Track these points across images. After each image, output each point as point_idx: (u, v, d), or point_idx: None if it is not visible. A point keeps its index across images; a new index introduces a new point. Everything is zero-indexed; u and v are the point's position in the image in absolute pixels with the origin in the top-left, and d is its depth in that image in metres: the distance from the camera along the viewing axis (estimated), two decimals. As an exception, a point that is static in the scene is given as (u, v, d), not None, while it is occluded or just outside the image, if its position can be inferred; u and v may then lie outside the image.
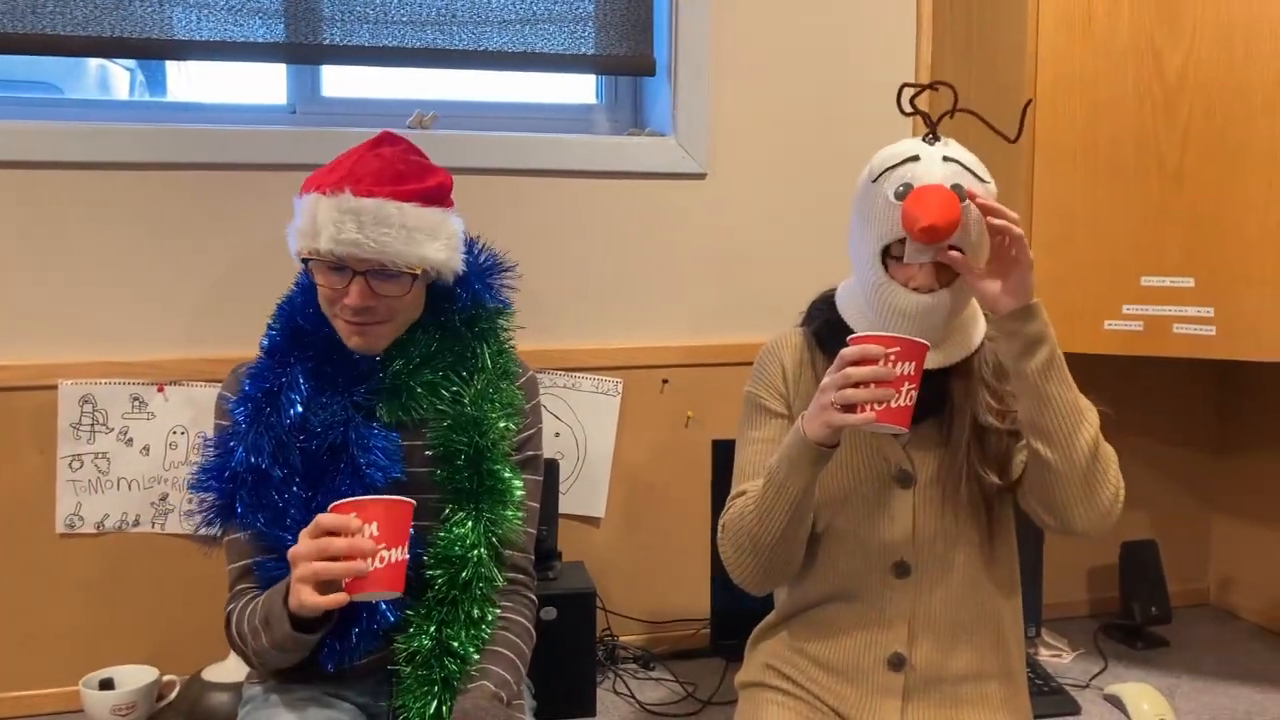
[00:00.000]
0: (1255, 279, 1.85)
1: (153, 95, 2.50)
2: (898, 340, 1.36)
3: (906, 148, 1.50)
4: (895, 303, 1.48)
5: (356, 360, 1.56)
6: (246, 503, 1.50)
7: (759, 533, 1.52)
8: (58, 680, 1.99)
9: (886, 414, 1.35)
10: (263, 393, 1.53)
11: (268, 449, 1.49)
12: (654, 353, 2.24)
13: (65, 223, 1.97)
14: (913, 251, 1.45)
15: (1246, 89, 1.84)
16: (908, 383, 1.35)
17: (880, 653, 1.58)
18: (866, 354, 1.36)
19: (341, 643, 1.52)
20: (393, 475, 1.53)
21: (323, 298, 1.55)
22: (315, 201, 1.49)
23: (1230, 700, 2.06)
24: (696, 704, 2.03)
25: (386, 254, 1.48)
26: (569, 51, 2.23)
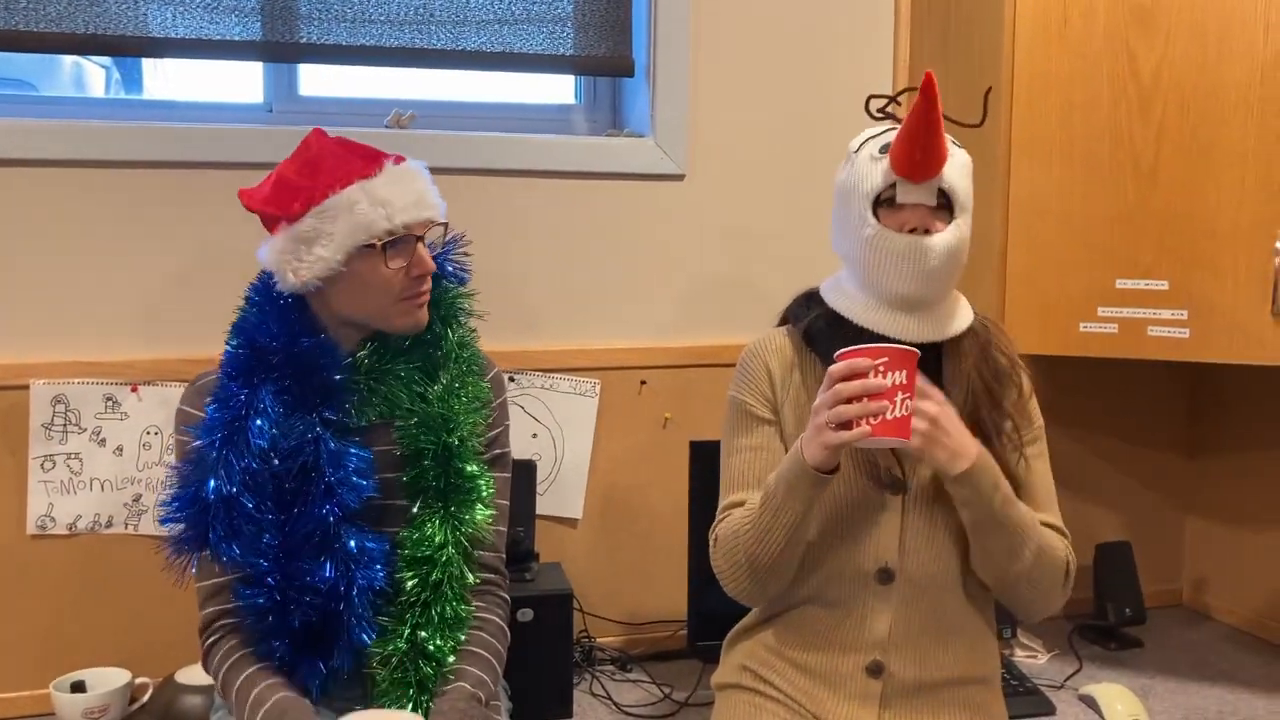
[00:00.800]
0: (1228, 281, 1.87)
1: (128, 93, 2.48)
2: (885, 350, 1.35)
3: (882, 126, 1.54)
4: (891, 246, 1.47)
5: (321, 373, 1.51)
6: (219, 533, 1.45)
7: (756, 552, 1.51)
8: (29, 683, 1.96)
9: (883, 427, 1.34)
10: (228, 419, 1.47)
11: (238, 478, 1.45)
12: (632, 354, 2.24)
13: (37, 221, 1.95)
14: (905, 191, 1.45)
15: (1219, 89, 1.86)
16: (901, 392, 1.34)
17: (859, 659, 1.57)
18: (854, 368, 1.36)
19: (325, 660, 1.50)
20: (367, 493, 1.51)
21: (382, 288, 1.50)
22: (360, 188, 1.47)
23: (1203, 700, 2.07)
24: (674, 705, 2.02)
25: (436, 206, 1.55)
26: (547, 52, 2.23)
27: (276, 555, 1.46)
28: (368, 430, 1.55)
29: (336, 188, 1.47)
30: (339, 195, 1.46)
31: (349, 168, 1.48)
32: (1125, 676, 2.17)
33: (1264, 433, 2.39)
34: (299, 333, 1.51)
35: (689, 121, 2.25)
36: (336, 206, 1.46)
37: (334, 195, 1.46)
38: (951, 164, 1.47)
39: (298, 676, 1.50)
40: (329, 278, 1.48)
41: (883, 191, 1.48)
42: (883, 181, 1.47)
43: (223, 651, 1.52)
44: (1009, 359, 1.61)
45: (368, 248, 1.48)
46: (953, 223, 1.49)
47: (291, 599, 1.47)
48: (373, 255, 1.48)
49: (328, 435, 1.49)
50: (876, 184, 1.48)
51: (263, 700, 1.44)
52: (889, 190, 1.47)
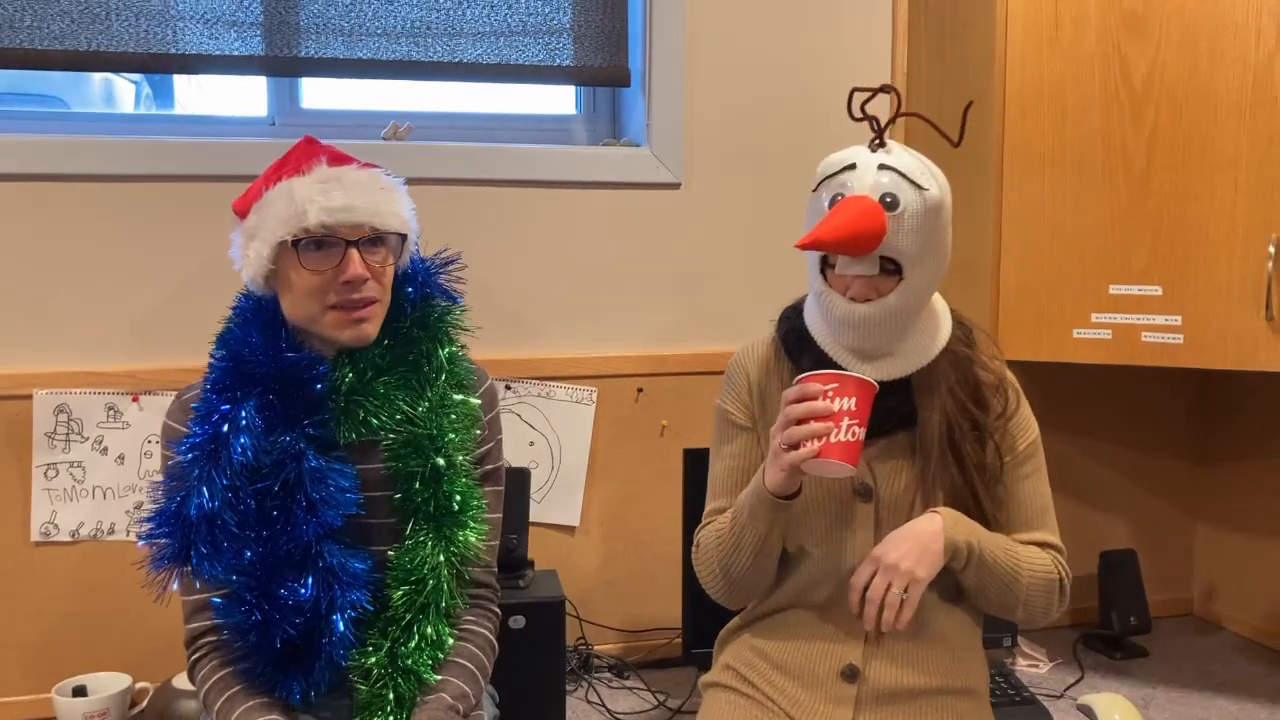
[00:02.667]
0: (1221, 287, 1.85)
1: (160, 108, 2.54)
2: (837, 376, 1.37)
3: (846, 155, 1.50)
4: (835, 311, 1.48)
5: (306, 388, 1.50)
6: (202, 550, 1.44)
7: (729, 562, 1.55)
8: (31, 687, 2.01)
9: (828, 448, 1.36)
10: (210, 435, 1.46)
11: (220, 495, 1.43)
12: (629, 362, 2.25)
13: (41, 235, 2.00)
14: (843, 262, 1.45)
15: (1211, 93, 1.84)
16: (848, 418, 1.36)
17: (835, 663, 1.58)
18: (804, 392, 1.38)
19: (306, 678, 1.50)
20: (349, 511, 1.49)
21: (309, 292, 1.47)
22: (289, 185, 1.46)
23: (1204, 711, 2.04)
24: (667, 713, 2.03)
25: (376, 213, 1.48)
26: (544, 63, 2.24)
27: (258, 572, 1.45)
28: (353, 447, 1.53)
29: (272, 184, 1.48)
30: (271, 191, 1.48)
31: (292, 166, 1.49)
32: (1127, 686, 2.15)
33: (1275, 439, 2.36)
34: (283, 346, 1.50)
35: (684, 130, 2.26)
36: (268, 202, 1.47)
37: (268, 191, 1.48)
38: (899, 226, 1.43)
39: (280, 691, 1.49)
40: (271, 277, 1.50)
41: (830, 255, 1.47)
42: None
43: (207, 669, 1.52)
44: (995, 375, 1.58)
45: (286, 245, 1.46)
46: (901, 283, 1.47)
47: (272, 617, 1.46)
48: (289, 254, 1.46)
49: (311, 452, 1.47)
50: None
51: None
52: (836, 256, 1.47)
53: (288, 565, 1.46)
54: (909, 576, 1.45)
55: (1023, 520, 1.59)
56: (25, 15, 1.99)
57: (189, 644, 1.56)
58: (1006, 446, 1.58)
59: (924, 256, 1.46)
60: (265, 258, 1.47)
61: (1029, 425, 1.61)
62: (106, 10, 2.02)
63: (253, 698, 1.48)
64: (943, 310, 1.60)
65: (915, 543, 1.46)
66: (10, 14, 1.99)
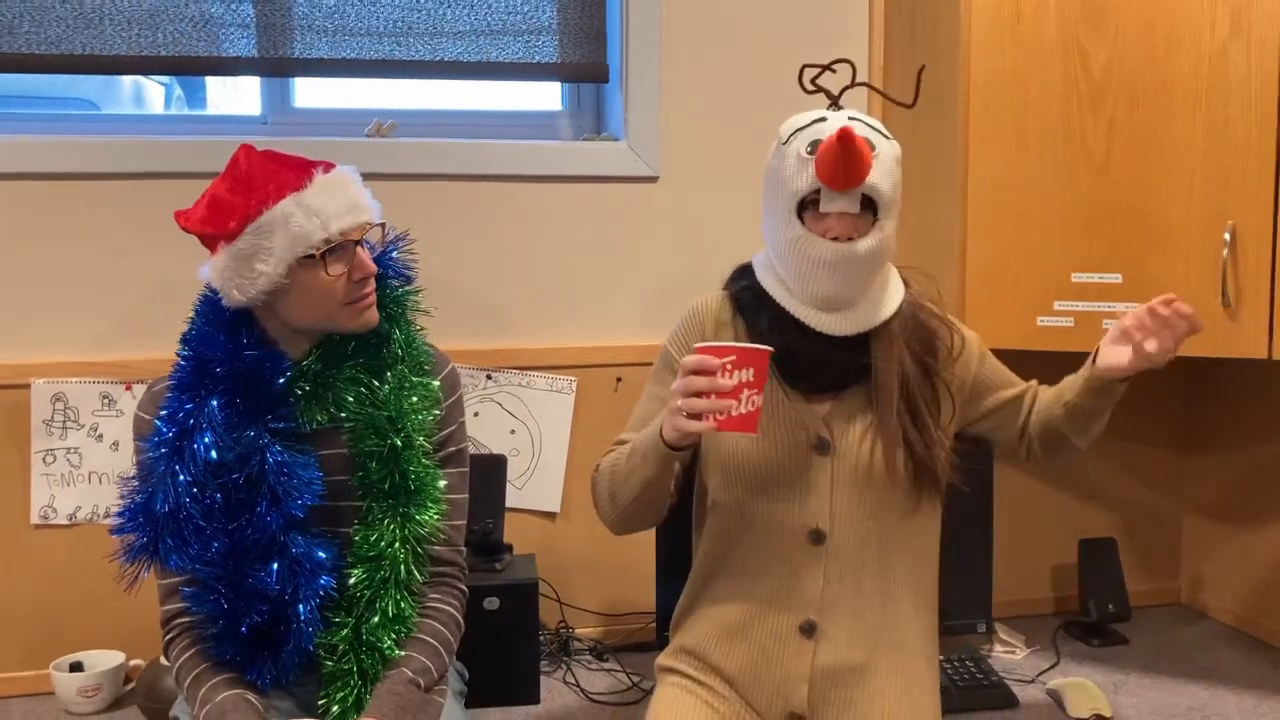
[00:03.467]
0: (1179, 274, 1.86)
1: (192, 108, 2.63)
2: (732, 349, 1.40)
3: (813, 114, 1.56)
4: (814, 253, 1.51)
5: (268, 384, 1.55)
6: (169, 544, 1.49)
7: (616, 493, 1.61)
8: (30, 663, 2.10)
9: (727, 422, 1.40)
10: (176, 432, 1.51)
11: (185, 491, 1.48)
12: (608, 352, 2.30)
13: (36, 231, 2.09)
14: (828, 199, 1.49)
15: (1168, 83, 1.86)
16: (747, 389, 1.40)
17: (793, 619, 1.60)
18: (702, 364, 1.41)
19: (275, 663, 1.55)
20: (311, 503, 1.54)
21: (325, 295, 1.54)
22: (294, 201, 1.49)
23: (1175, 696, 2.05)
24: (640, 693, 2.07)
25: (369, 209, 1.57)
26: (525, 60, 2.30)
27: (225, 562, 1.51)
28: (317, 435, 1.58)
29: (270, 202, 1.49)
30: (273, 210, 1.49)
31: (280, 181, 1.51)
32: (1101, 672, 2.16)
33: (1262, 428, 2.35)
34: (245, 345, 1.55)
35: (661, 125, 2.30)
36: (272, 221, 1.49)
37: (268, 210, 1.49)
38: (877, 165, 1.50)
39: (250, 675, 1.55)
40: (273, 290, 1.52)
41: (807, 195, 1.51)
42: (807, 186, 1.51)
43: (179, 648, 1.59)
44: (942, 321, 1.66)
45: (307, 259, 1.51)
46: (876, 225, 1.53)
47: (240, 605, 1.52)
48: (313, 265, 1.51)
49: (274, 446, 1.52)
50: (801, 188, 1.51)
51: (208, 699, 1.51)
52: (813, 194, 1.51)
53: (254, 555, 1.52)
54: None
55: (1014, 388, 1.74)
56: (23, 20, 2.09)
57: (164, 624, 1.63)
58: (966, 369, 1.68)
59: (893, 203, 1.54)
60: (279, 275, 1.50)
61: (971, 337, 1.71)
62: (100, 15, 2.11)
63: (221, 673, 1.54)
64: (893, 271, 1.66)
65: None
66: (9, 20, 2.08)
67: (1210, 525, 2.51)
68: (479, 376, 2.24)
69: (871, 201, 1.52)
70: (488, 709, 1.99)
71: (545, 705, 2.03)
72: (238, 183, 1.52)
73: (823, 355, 1.58)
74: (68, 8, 2.10)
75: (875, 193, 1.50)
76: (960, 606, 2.14)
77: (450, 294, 2.21)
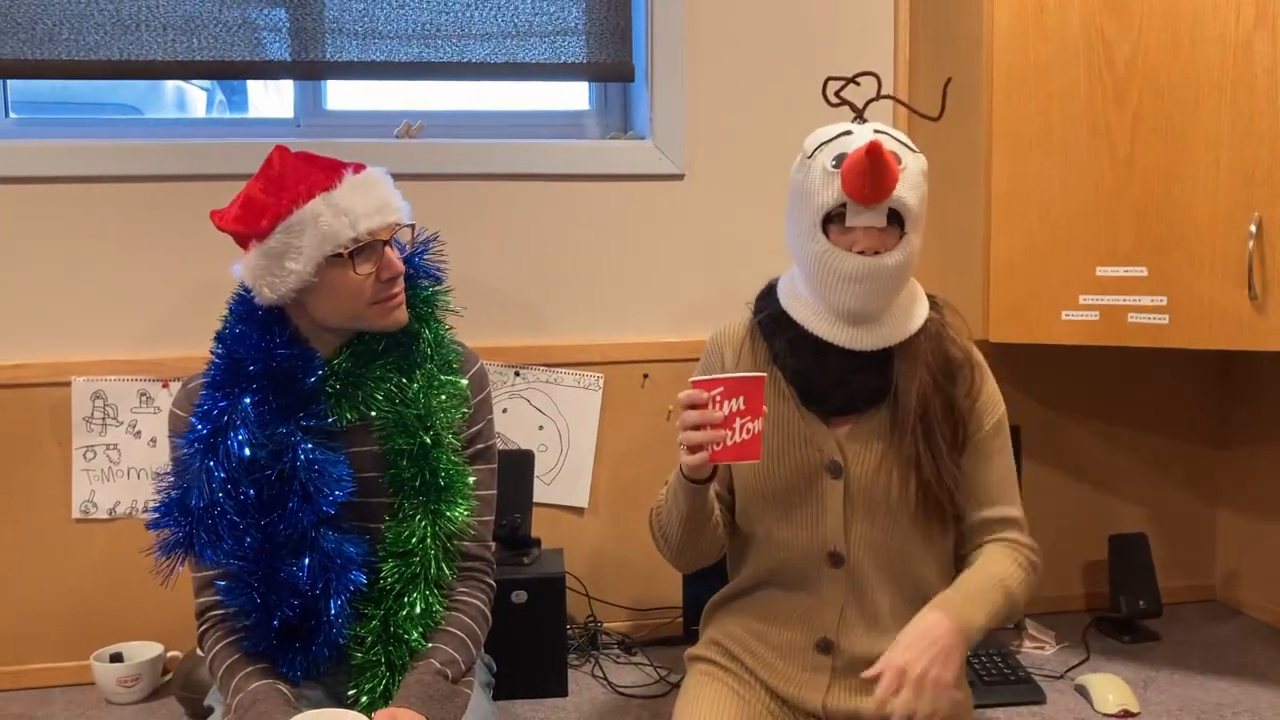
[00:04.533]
0: (1205, 267, 1.85)
1: (233, 112, 2.68)
2: (721, 380, 1.41)
3: (838, 127, 1.57)
4: (840, 268, 1.52)
5: (300, 381, 1.58)
6: (204, 539, 1.52)
7: (667, 533, 1.64)
8: (72, 654, 2.15)
9: (723, 453, 1.42)
10: (210, 430, 1.54)
11: (220, 487, 1.51)
12: (634, 348, 2.32)
13: (76, 233, 2.14)
14: (854, 213, 1.50)
15: (1192, 74, 1.84)
16: (740, 418, 1.41)
17: (811, 636, 1.64)
18: (692, 399, 1.43)
19: (305, 655, 1.58)
20: (342, 499, 1.57)
21: (354, 294, 1.56)
22: (323, 200, 1.52)
23: (1204, 693, 2.03)
24: (667, 687, 2.09)
25: (399, 209, 1.59)
26: (551, 60, 2.33)
27: (258, 557, 1.54)
28: (348, 432, 1.61)
29: (300, 202, 1.52)
30: (303, 209, 1.52)
31: (311, 181, 1.54)
32: (1131, 669, 2.14)
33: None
34: (278, 344, 1.58)
35: (686, 123, 2.32)
36: (302, 220, 1.52)
37: (299, 210, 1.52)
38: (904, 179, 1.50)
39: (281, 667, 1.58)
40: (303, 289, 1.55)
41: (833, 209, 1.52)
42: (834, 200, 1.51)
43: (212, 639, 1.63)
44: (963, 351, 1.64)
45: (336, 257, 1.54)
46: (903, 239, 1.53)
47: (272, 599, 1.55)
48: (341, 264, 1.54)
49: (306, 443, 1.55)
50: (827, 201, 1.52)
51: (240, 690, 1.54)
52: (839, 208, 1.52)
53: (286, 550, 1.55)
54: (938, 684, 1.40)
55: (989, 495, 1.63)
56: (63, 28, 2.14)
57: (198, 617, 1.67)
58: (975, 423, 1.62)
59: (919, 216, 1.54)
60: (309, 274, 1.53)
61: (997, 401, 1.66)
62: (137, 21, 2.16)
63: (253, 663, 1.58)
64: (919, 288, 1.66)
65: (938, 649, 1.41)
66: (49, 27, 2.13)
67: (1245, 521, 2.49)
68: (507, 373, 2.27)
69: (898, 215, 1.52)
70: (516, 701, 2.02)
71: (573, 698, 2.05)
72: (270, 183, 1.56)
73: (840, 376, 1.58)
74: (106, 15, 2.15)
75: (902, 207, 1.51)
76: (1017, 619, 2.14)
77: (478, 292, 2.24)
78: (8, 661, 2.14)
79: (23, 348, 2.13)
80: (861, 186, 1.46)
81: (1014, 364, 2.40)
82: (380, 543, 1.62)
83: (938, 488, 1.58)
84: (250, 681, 1.55)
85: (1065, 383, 2.46)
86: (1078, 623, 2.40)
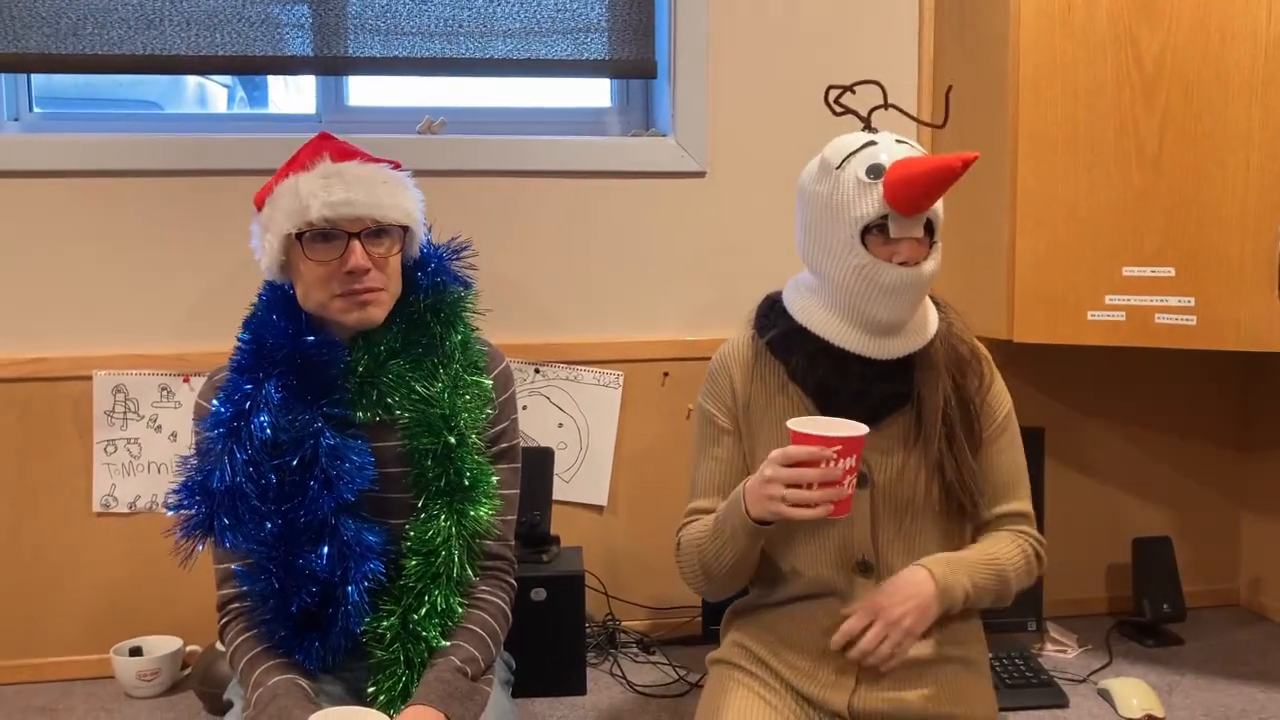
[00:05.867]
0: (1234, 267, 1.83)
1: (254, 108, 2.68)
2: (839, 440, 1.40)
3: (858, 137, 1.55)
4: (882, 280, 1.50)
5: (323, 370, 1.59)
6: (224, 522, 1.53)
7: (710, 565, 1.62)
8: (92, 647, 2.16)
9: (839, 507, 1.43)
10: (234, 413, 1.55)
11: (241, 470, 1.52)
12: (654, 346, 2.31)
13: (98, 228, 2.15)
14: (899, 225, 1.49)
15: (1222, 73, 1.82)
16: (849, 475, 1.42)
17: None
18: (814, 456, 1.41)
19: (323, 644, 1.59)
20: (363, 487, 1.57)
21: (316, 281, 1.56)
22: (294, 181, 1.55)
23: (1229, 698, 2.01)
24: (686, 686, 2.08)
25: (378, 206, 1.56)
26: (573, 57, 2.32)
27: (277, 543, 1.54)
28: (371, 427, 1.61)
29: (280, 179, 1.58)
30: (279, 186, 1.57)
31: (300, 162, 1.57)
32: (1155, 673, 2.12)
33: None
34: (304, 330, 1.59)
35: (708, 120, 2.31)
36: (277, 196, 1.57)
37: (278, 186, 1.57)
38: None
39: (299, 655, 1.59)
40: (284, 267, 1.60)
41: (873, 221, 1.50)
42: (875, 212, 1.49)
43: (233, 632, 1.63)
44: (969, 346, 1.65)
45: (293, 239, 1.55)
46: (934, 248, 1.53)
47: (290, 586, 1.56)
48: (297, 246, 1.56)
49: (328, 430, 1.56)
50: (868, 213, 1.49)
51: (260, 683, 1.54)
52: (880, 220, 1.50)
53: (306, 537, 1.55)
54: (907, 634, 1.51)
55: (998, 490, 1.65)
56: (87, 23, 2.15)
57: (219, 608, 1.67)
58: (986, 419, 1.63)
59: (943, 225, 1.55)
60: (276, 249, 1.57)
61: (1005, 396, 1.67)
62: (160, 16, 2.16)
63: (273, 658, 1.58)
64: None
65: (917, 602, 1.52)
66: (73, 22, 2.14)
67: (1270, 525, 2.46)
68: (527, 370, 2.27)
69: (929, 223, 1.52)
70: (534, 699, 2.01)
71: (591, 696, 2.05)
72: (286, 162, 1.61)
73: (859, 386, 1.57)
74: (130, 9, 2.15)
75: (935, 215, 1.52)
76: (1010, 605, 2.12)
77: (499, 288, 2.23)
78: (29, 654, 2.15)
79: (44, 341, 2.14)
80: (915, 198, 1.45)
81: (1038, 365, 2.39)
82: (399, 539, 1.62)
83: (959, 488, 1.58)
84: (271, 675, 1.55)
85: (1090, 384, 2.44)
86: (1100, 626, 2.38)
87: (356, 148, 1.64)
